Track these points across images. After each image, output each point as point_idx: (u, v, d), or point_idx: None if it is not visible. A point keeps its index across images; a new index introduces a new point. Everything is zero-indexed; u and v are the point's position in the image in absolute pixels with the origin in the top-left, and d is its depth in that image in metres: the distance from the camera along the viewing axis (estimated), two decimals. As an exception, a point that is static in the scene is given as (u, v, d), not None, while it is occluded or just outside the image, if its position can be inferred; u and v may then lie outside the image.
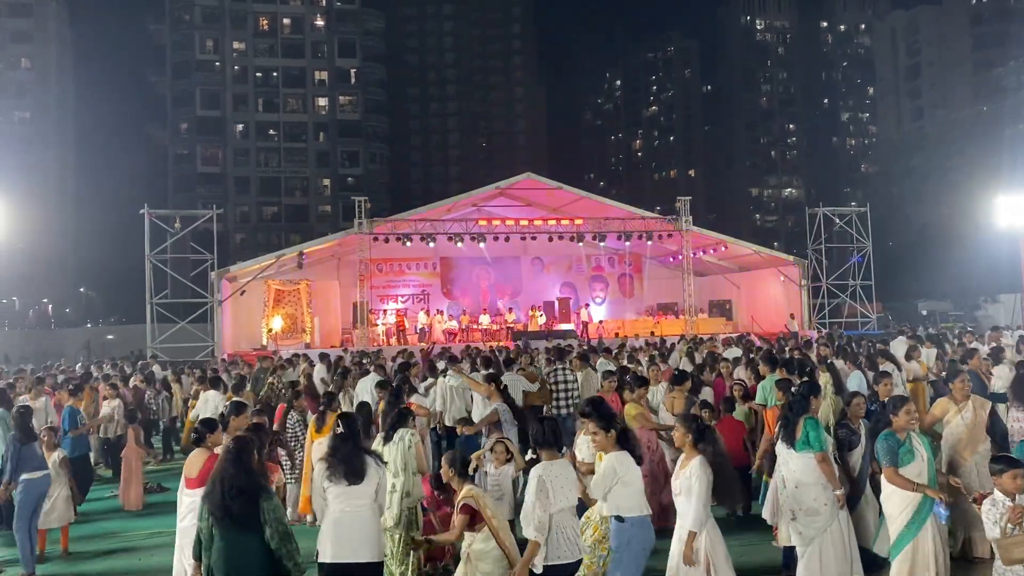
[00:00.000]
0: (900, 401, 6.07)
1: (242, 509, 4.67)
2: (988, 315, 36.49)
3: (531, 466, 5.38)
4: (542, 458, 5.16)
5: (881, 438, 5.81)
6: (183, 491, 6.23)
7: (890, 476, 5.64)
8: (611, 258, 34.66)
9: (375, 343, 26.88)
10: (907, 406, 5.94)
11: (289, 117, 75.93)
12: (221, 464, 4.91)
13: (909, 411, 5.92)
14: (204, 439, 6.33)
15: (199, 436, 6.37)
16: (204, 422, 6.58)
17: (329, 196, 76.36)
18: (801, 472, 5.90)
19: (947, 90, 78.33)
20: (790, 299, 30.73)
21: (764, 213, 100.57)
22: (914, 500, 5.60)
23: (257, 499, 4.72)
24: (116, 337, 39.95)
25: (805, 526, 5.80)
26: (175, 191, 70.27)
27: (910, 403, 6.06)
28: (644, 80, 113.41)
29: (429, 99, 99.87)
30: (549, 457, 5.13)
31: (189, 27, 73.41)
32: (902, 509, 5.64)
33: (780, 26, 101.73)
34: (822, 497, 5.80)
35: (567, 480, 5.06)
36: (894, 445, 5.72)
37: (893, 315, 36.71)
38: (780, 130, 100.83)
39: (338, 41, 76.41)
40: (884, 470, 5.69)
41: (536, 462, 5.23)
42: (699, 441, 5.56)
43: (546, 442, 5.17)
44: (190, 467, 6.19)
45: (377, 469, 5.38)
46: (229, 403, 7.71)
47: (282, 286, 28.57)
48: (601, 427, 5.32)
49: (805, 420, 6.03)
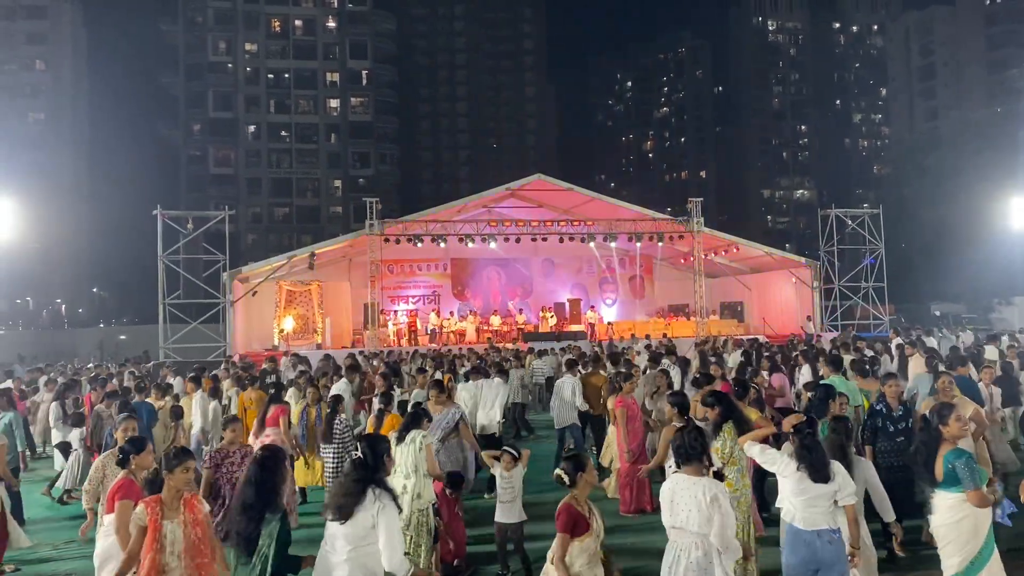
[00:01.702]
0: (948, 408, 5.42)
1: (245, 528, 4.45)
2: (1002, 317, 36.24)
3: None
4: (682, 471, 4.69)
5: (961, 458, 5.11)
6: (102, 515, 5.86)
7: (979, 499, 5.01)
8: (622, 259, 34.61)
9: (386, 344, 26.92)
10: (956, 412, 5.36)
11: (301, 118, 76.23)
12: (247, 478, 4.68)
13: (960, 417, 5.37)
14: (128, 461, 5.77)
15: (124, 456, 5.80)
16: (133, 441, 6.04)
17: (340, 197, 76.61)
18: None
19: (961, 91, 77.89)
20: (802, 301, 30.60)
21: (776, 214, 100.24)
22: (987, 519, 5.11)
23: (260, 519, 4.47)
24: (128, 337, 40.15)
25: None
26: (188, 192, 70.65)
27: (959, 409, 5.50)
28: (655, 81, 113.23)
29: (440, 100, 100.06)
30: (693, 472, 4.64)
31: (202, 29, 73.85)
32: (978, 530, 5.10)
33: (792, 27, 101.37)
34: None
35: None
36: (974, 464, 5.10)
37: (906, 317, 36.49)
38: (792, 131, 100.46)
39: (349, 43, 76.67)
40: (970, 495, 5.01)
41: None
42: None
43: (691, 455, 4.67)
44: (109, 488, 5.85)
45: (374, 509, 4.44)
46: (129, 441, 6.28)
47: (293, 287, 28.67)
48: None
49: (822, 425, 5.98)
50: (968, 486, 5.04)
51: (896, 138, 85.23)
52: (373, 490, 4.48)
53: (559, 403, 11.43)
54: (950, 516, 5.16)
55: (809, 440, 5.06)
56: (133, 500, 5.30)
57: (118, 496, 5.52)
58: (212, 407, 11.53)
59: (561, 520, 4.59)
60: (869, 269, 30.89)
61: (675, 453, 4.77)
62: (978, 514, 5.10)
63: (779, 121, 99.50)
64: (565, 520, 4.59)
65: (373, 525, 4.42)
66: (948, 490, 5.16)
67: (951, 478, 5.12)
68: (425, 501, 6.55)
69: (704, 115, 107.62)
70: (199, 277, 27.47)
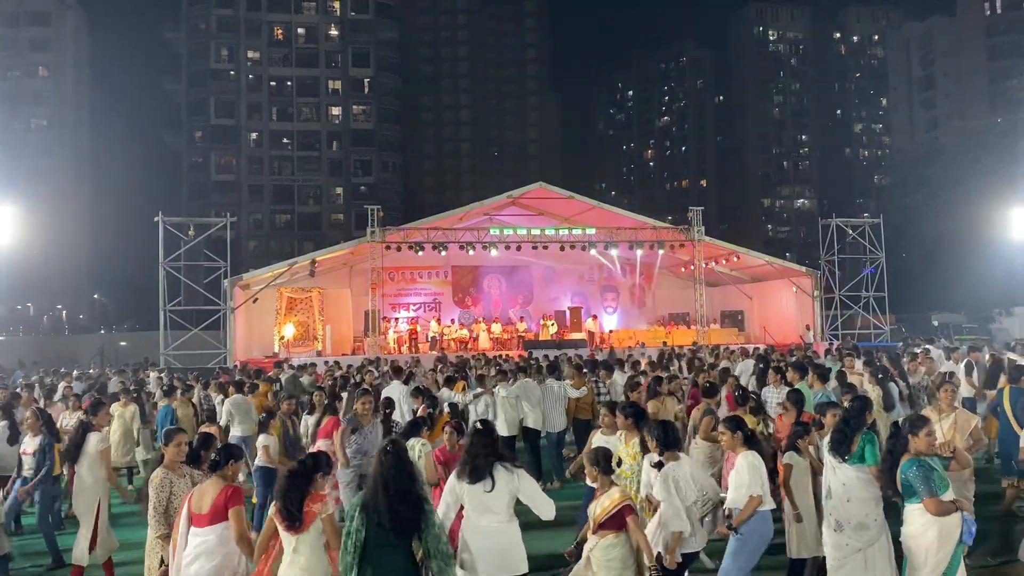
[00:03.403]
0: (921, 421, 5.42)
1: (410, 514, 4.55)
2: (1002, 327, 36.20)
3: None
4: (666, 459, 5.85)
5: (912, 467, 5.16)
6: (190, 531, 5.35)
7: (935, 506, 5.04)
8: (622, 268, 34.64)
9: (386, 351, 26.94)
10: (928, 427, 5.35)
11: (303, 126, 76.40)
12: (384, 468, 4.68)
13: (931, 432, 5.35)
14: (224, 465, 5.50)
15: (218, 461, 5.51)
16: (230, 448, 5.77)
17: (342, 204, 76.71)
18: (856, 487, 5.81)
19: (962, 101, 78.02)
20: (803, 310, 30.61)
21: (776, 224, 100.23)
22: (955, 530, 5.08)
23: (421, 508, 4.62)
24: (129, 344, 40.18)
25: (853, 539, 5.72)
26: (189, 198, 70.77)
27: (931, 424, 5.47)
28: (657, 90, 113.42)
29: (442, 108, 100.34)
30: (671, 458, 5.87)
31: (205, 36, 74.08)
32: (943, 544, 5.08)
33: (793, 37, 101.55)
34: (873, 512, 5.76)
35: (691, 476, 5.91)
36: (928, 472, 5.11)
37: (907, 327, 36.48)
38: (793, 141, 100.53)
39: (352, 51, 76.89)
40: (925, 502, 5.06)
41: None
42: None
43: (669, 443, 5.92)
44: (201, 500, 5.37)
45: (513, 480, 5.19)
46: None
47: (294, 294, 28.70)
48: (728, 429, 6.10)
49: (863, 435, 5.99)
50: (923, 494, 5.06)
51: (897, 148, 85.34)
52: (503, 465, 5.16)
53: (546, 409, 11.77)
54: (913, 527, 5.17)
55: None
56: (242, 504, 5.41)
57: (232, 503, 5.31)
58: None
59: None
60: (869, 279, 30.92)
61: (658, 441, 5.95)
62: (942, 526, 5.06)
63: (780, 130, 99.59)
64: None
65: (515, 494, 5.13)
66: (909, 501, 5.20)
67: (908, 488, 5.17)
68: (426, 509, 6.57)
69: (705, 124, 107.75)
70: (200, 284, 27.50)
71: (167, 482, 5.89)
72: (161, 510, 5.80)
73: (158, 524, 5.79)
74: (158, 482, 5.88)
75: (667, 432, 6.06)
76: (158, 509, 5.81)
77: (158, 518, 5.80)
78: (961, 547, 5.13)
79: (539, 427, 11.69)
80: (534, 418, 11.63)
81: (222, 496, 5.30)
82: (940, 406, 7.52)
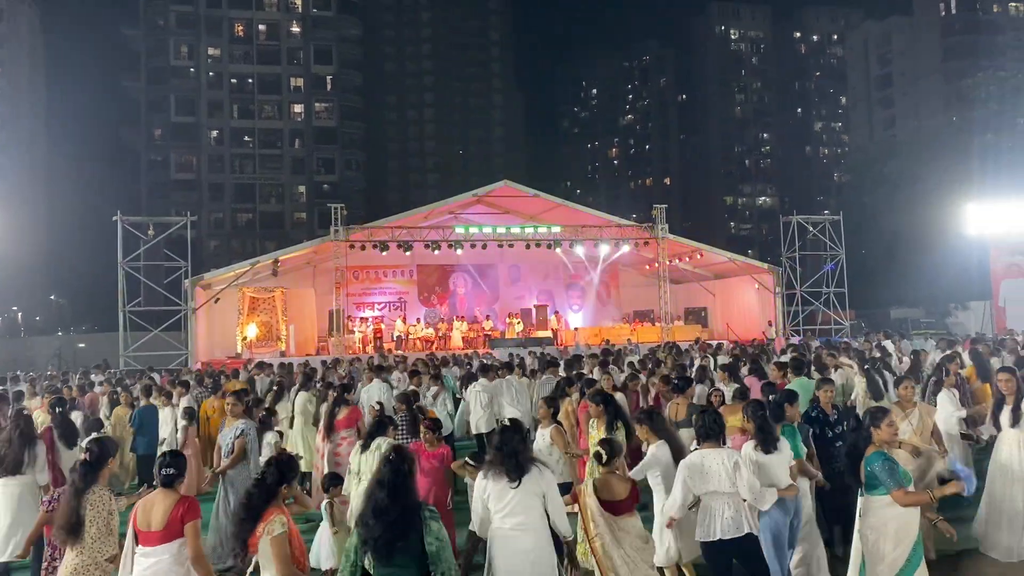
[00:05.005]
0: (882, 412, 5.42)
1: (401, 531, 4.13)
2: (958, 322, 36.98)
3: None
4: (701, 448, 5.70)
5: (877, 460, 5.15)
6: (137, 550, 4.85)
7: (902, 498, 5.01)
8: (588, 265, 34.79)
9: (351, 351, 26.75)
10: (888, 418, 5.37)
11: (264, 123, 75.52)
12: (379, 479, 4.32)
13: (892, 423, 5.38)
14: (178, 478, 5.05)
15: (174, 473, 5.01)
16: (178, 455, 5.25)
17: (304, 203, 75.97)
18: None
19: (918, 100, 79.47)
20: (764, 306, 31.02)
21: (739, 221, 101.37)
22: (914, 523, 5.11)
23: (415, 521, 4.17)
24: (88, 346, 39.40)
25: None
26: (149, 198, 69.53)
27: (891, 414, 5.49)
28: (621, 89, 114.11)
29: (406, 106, 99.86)
30: (711, 447, 5.65)
31: (164, 33, 72.84)
32: (902, 538, 5.09)
33: (754, 36, 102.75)
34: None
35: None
36: (893, 465, 5.11)
37: (866, 322, 37.06)
38: (754, 139, 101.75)
39: (314, 48, 76.15)
40: (894, 495, 5.03)
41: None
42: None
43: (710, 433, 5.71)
44: (149, 515, 4.84)
45: (543, 479, 5.11)
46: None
47: (257, 294, 28.35)
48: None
49: (783, 428, 6.16)
50: (889, 487, 5.06)
51: (856, 146, 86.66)
52: (535, 463, 5.10)
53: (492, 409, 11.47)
54: (875, 519, 5.18)
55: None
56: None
57: (188, 517, 4.82)
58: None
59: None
60: (830, 275, 31.38)
61: (697, 432, 5.72)
62: (903, 518, 5.08)
63: (742, 129, 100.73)
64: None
65: (542, 493, 5.01)
66: (872, 493, 5.20)
67: (871, 480, 5.18)
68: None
69: (668, 123, 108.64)
70: (160, 284, 27.03)
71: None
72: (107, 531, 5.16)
73: (104, 546, 5.12)
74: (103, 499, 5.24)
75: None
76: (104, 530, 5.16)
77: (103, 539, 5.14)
78: (921, 544, 5.16)
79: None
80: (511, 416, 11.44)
81: (177, 509, 4.79)
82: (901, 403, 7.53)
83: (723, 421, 5.76)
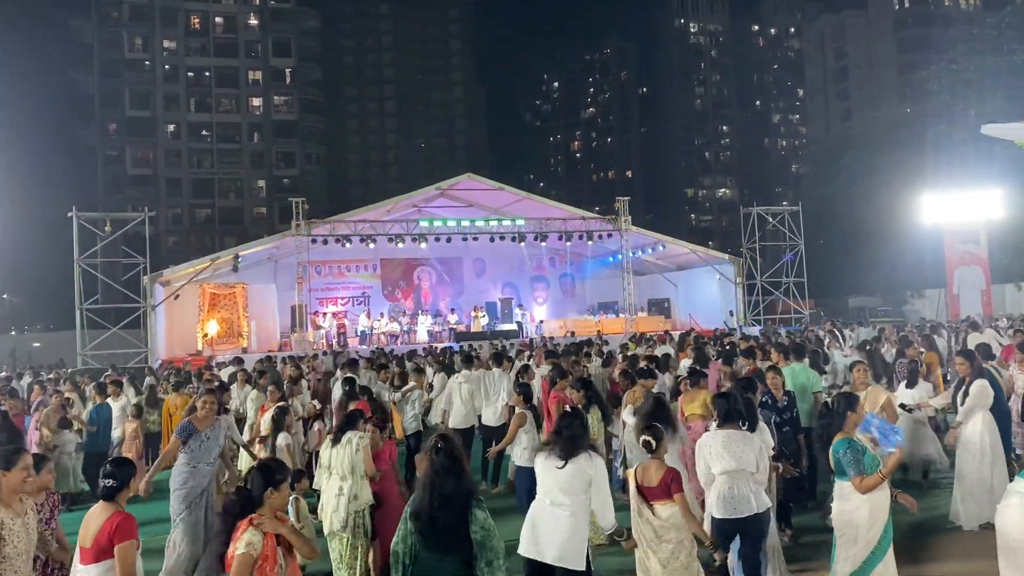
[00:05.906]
0: (852, 399, 5.47)
1: (454, 522, 4.08)
2: (915, 309, 37.79)
3: None
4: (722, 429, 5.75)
5: (843, 447, 5.19)
6: (75, 569, 4.36)
7: (862, 485, 5.05)
8: (552, 258, 34.88)
9: (315, 347, 26.52)
10: (860, 402, 5.47)
11: (222, 117, 74.39)
12: (431, 470, 4.19)
13: (862, 406, 5.47)
14: (120, 491, 4.44)
15: (114, 485, 4.41)
16: (122, 463, 4.61)
17: (264, 198, 75.06)
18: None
19: (874, 92, 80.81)
20: (726, 296, 31.39)
21: (700, 213, 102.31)
22: (885, 505, 5.17)
23: (467, 510, 4.12)
24: (43, 345, 38.64)
25: None
26: (105, 193, 68.15)
27: (861, 401, 5.57)
28: (582, 81, 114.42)
29: (367, 99, 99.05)
30: (732, 428, 5.72)
31: (117, 25, 71.30)
32: (874, 520, 5.14)
33: (713, 29, 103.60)
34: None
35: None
36: (859, 453, 5.13)
37: (825, 311, 37.67)
38: (714, 131, 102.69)
39: (272, 40, 75.16)
40: (853, 481, 5.09)
41: None
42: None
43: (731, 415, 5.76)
44: (86, 529, 4.32)
45: (592, 468, 5.07)
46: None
47: (217, 290, 27.96)
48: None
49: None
50: (851, 473, 5.10)
51: (813, 138, 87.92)
52: (589, 452, 5.10)
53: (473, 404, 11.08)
54: (845, 504, 5.24)
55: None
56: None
57: (119, 537, 4.25)
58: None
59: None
60: (789, 265, 31.85)
61: (720, 415, 5.81)
62: (873, 503, 5.11)
63: (702, 121, 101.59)
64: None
65: (589, 480, 5.00)
66: (842, 479, 5.27)
67: (838, 467, 5.25)
68: (362, 503, 6.47)
69: (630, 116, 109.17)
70: (118, 281, 26.58)
71: None
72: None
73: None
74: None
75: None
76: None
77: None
78: (891, 524, 5.24)
79: (491, 423, 10.90)
80: (489, 413, 10.94)
81: (107, 527, 4.23)
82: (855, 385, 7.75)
83: (740, 406, 5.84)
